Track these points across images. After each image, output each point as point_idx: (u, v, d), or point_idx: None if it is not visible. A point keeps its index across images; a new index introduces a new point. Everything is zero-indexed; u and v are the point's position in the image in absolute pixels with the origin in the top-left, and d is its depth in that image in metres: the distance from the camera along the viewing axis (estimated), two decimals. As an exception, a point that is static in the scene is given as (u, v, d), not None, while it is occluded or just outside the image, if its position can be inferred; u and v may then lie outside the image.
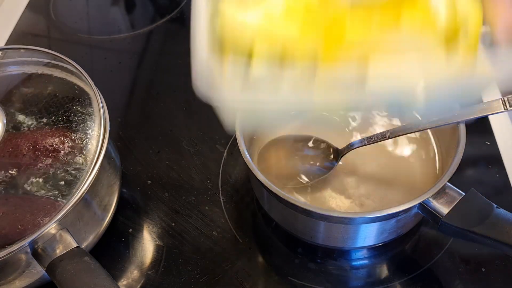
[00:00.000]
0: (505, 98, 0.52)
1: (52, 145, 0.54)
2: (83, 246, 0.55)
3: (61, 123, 0.56)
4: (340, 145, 0.62)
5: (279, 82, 0.46)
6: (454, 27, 0.46)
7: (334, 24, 0.44)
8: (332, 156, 0.61)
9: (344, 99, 0.46)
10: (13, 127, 0.54)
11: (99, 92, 0.58)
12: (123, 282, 0.60)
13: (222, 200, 0.67)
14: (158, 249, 0.63)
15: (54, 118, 0.56)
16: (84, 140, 0.55)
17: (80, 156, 0.54)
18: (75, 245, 0.50)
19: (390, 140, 0.62)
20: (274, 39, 0.43)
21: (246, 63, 0.46)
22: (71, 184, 0.52)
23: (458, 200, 0.51)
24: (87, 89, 0.59)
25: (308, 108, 0.47)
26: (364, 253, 0.61)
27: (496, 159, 0.69)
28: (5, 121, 0.54)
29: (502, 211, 0.50)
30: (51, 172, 0.52)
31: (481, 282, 0.58)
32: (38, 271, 0.53)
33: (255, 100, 0.46)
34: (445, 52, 0.44)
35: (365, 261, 0.61)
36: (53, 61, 0.61)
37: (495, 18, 0.46)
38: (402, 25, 0.47)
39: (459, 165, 0.52)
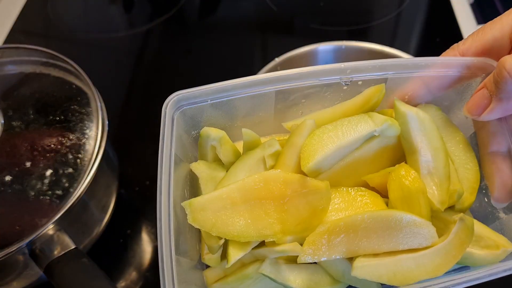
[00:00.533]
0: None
1: (50, 145, 0.54)
2: (81, 247, 0.54)
3: (59, 123, 0.56)
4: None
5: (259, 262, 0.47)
6: (447, 204, 0.46)
7: (314, 213, 0.44)
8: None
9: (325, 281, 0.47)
10: (11, 127, 0.54)
11: (97, 92, 0.58)
12: (121, 284, 0.60)
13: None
14: (157, 251, 0.62)
15: (52, 118, 0.56)
16: (82, 140, 0.55)
17: (78, 156, 0.53)
18: (73, 246, 0.50)
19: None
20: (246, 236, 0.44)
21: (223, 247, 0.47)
22: (68, 185, 0.51)
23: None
24: (85, 88, 0.58)
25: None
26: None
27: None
28: (2, 121, 0.54)
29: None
30: (48, 172, 0.52)
31: (482, 282, 0.57)
32: (36, 272, 0.53)
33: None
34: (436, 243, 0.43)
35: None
36: (51, 60, 0.61)
37: (494, 177, 0.46)
38: (389, 208, 0.47)
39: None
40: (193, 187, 0.51)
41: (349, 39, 0.72)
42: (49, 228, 0.49)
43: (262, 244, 0.46)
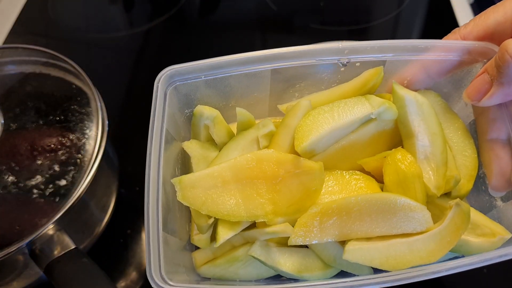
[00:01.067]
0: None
1: (50, 145, 0.54)
2: (81, 247, 0.54)
3: (59, 122, 0.56)
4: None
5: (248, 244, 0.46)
6: (443, 190, 0.45)
7: (307, 195, 0.44)
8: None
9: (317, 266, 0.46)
10: (11, 127, 0.54)
11: (97, 91, 0.58)
12: (121, 284, 0.60)
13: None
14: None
15: (52, 118, 0.56)
16: (82, 140, 0.55)
17: (78, 156, 0.53)
18: (73, 246, 0.50)
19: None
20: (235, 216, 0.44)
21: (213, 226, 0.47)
22: (68, 185, 0.51)
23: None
24: (85, 88, 0.58)
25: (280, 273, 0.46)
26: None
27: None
28: (2, 121, 0.54)
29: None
30: (48, 172, 0.52)
31: (482, 283, 0.58)
32: (36, 272, 0.53)
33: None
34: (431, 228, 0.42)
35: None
36: (51, 60, 0.61)
37: (492, 165, 0.45)
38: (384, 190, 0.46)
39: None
40: (184, 166, 0.51)
41: (349, 39, 0.71)
42: (49, 228, 0.49)
43: (253, 226, 0.46)
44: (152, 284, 0.39)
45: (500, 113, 0.45)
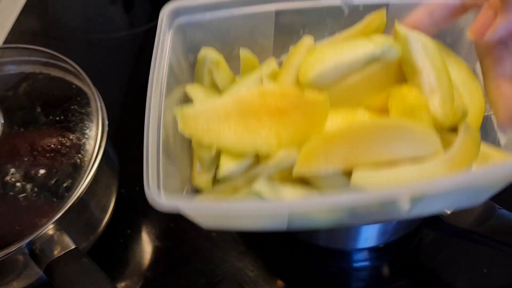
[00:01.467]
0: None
1: (50, 145, 0.54)
2: (81, 247, 0.54)
3: (59, 123, 0.56)
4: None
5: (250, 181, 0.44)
6: (451, 121, 0.44)
7: (311, 127, 0.43)
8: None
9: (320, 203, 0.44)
10: (11, 127, 0.54)
11: (97, 91, 0.58)
12: (121, 284, 0.60)
13: (221, 201, 0.66)
14: (157, 250, 0.62)
15: (52, 118, 0.56)
16: (82, 140, 0.55)
17: (78, 156, 0.53)
18: (73, 246, 0.50)
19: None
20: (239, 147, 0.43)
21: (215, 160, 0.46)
22: (68, 185, 0.51)
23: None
24: (85, 88, 0.58)
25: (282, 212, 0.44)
26: (365, 254, 0.61)
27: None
28: (2, 121, 0.54)
29: (504, 212, 0.50)
30: (48, 172, 0.52)
31: (482, 283, 0.58)
32: (36, 272, 0.53)
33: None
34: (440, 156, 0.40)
35: (367, 263, 0.60)
36: (51, 60, 0.61)
37: (498, 101, 0.44)
38: (389, 121, 0.44)
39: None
40: None
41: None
42: (49, 228, 0.49)
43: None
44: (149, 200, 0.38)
45: (505, 51, 0.44)
